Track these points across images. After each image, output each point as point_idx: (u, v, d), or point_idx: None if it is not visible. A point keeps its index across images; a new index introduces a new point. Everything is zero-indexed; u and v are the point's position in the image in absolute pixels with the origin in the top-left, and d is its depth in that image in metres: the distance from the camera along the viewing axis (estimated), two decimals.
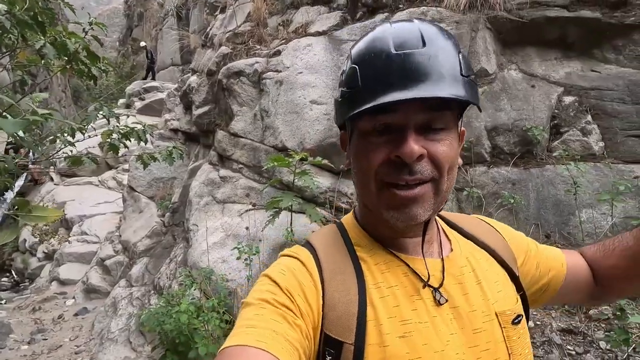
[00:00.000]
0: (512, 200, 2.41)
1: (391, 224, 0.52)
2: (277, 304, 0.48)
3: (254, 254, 2.50)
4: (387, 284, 0.53)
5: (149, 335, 3.19)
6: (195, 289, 2.64)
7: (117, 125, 3.24)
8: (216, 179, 4.09)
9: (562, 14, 3.01)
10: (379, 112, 0.48)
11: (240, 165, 4.03)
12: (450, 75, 0.46)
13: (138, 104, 10.70)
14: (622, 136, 2.66)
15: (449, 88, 0.46)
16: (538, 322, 1.84)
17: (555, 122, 2.85)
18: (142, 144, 3.33)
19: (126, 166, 7.91)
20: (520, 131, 2.78)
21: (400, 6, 3.77)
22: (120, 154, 3.38)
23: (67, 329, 4.32)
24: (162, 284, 3.55)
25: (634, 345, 1.55)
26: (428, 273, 0.54)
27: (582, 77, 2.98)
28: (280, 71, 3.96)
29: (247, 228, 2.95)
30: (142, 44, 12.96)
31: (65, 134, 3.05)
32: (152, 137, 5.36)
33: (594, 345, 1.68)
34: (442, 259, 0.56)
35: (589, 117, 2.78)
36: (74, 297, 5.10)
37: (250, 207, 3.75)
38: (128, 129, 3.23)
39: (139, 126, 3.35)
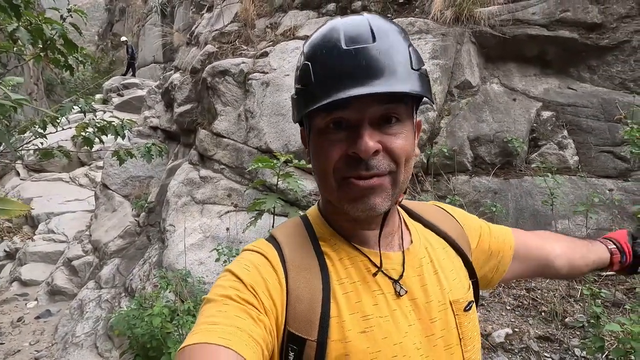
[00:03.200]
0: (494, 209, 2.46)
1: (352, 215, 0.52)
2: (241, 300, 0.48)
3: (234, 256, 2.42)
4: (350, 279, 0.53)
5: (117, 340, 3.03)
6: (170, 292, 2.53)
7: (93, 119, 3.10)
8: (196, 179, 3.98)
9: (542, 32, 3.14)
10: (334, 108, 0.48)
11: (222, 166, 3.95)
12: (402, 69, 0.47)
13: (116, 100, 10.36)
14: (595, 151, 2.78)
15: (402, 83, 0.46)
16: (516, 329, 1.87)
17: (534, 135, 2.95)
18: (119, 140, 3.19)
19: (100, 163, 7.59)
20: (501, 142, 2.86)
21: (389, 15, 3.84)
22: (94, 150, 3.22)
23: (27, 333, 4.05)
24: (134, 286, 3.39)
25: (607, 352, 1.60)
26: (381, 262, 0.55)
27: (559, 93, 3.11)
28: (267, 72, 3.92)
29: (227, 229, 2.88)
30: (123, 38, 12.61)
31: (36, 126, 2.89)
32: (131, 132, 5.16)
33: (570, 352, 1.71)
34: (403, 252, 0.57)
35: (565, 132, 2.89)
36: (36, 299, 4.79)
37: (232, 208, 3.66)
38: (105, 122, 3.09)
39: (117, 121, 3.22)
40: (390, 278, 0.54)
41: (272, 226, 2.72)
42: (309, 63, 0.50)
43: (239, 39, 4.87)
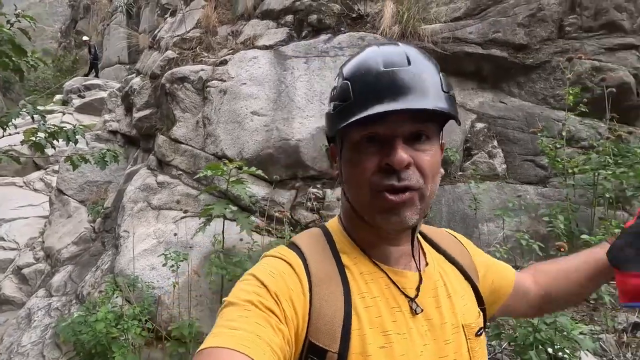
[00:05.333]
0: (431, 214, 2.69)
1: (383, 228, 0.55)
2: (263, 307, 0.49)
3: (182, 261, 2.49)
4: (370, 294, 0.55)
5: (65, 348, 3.00)
6: (117, 297, 2.56)
7: (43, 124, 3.05)
8: (153, 184, 3.98)
9: (477, 50, 3.43)
10: (369, 123, 0.51)
11: (180, 172, 3.98)
12: (433, 90, 0.51)
13: (77, 102, 10.00)
14: (520, 160, 3.08)
15: (433, 101, 0.51)
16: None
17: (468, 145, 3.21)
18: (76, 144, 3.15)
19: (56, 167, 7.33)
20: None
21: (342, 29, 4.03)
22: (50, 154, 3.15)
23: None
24: (85, 293, 3.36)
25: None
26: (418, 289, 0.57)
27: (492, 106, 3.41)
28: (225, 80, 4.00)
29: (175, 234, 2.93)
30: (85, 38, 12.18)
31: None
32: (84, 138, 5.07)
33: None
34: (420, 273, 0.59)
35: (495, 142, 3.18)
36: None
37: (188, 214, 3.70)
38: (56, 128, 3.06)
39: (69, 126, 3.19)
40: (406, 296, 0.56)
41: (223, 231, 2.80)
42: (349, 82, 0.54)
43: (200, 45, 4.91)
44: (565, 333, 1.52)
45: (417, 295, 0.56)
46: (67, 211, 5.08)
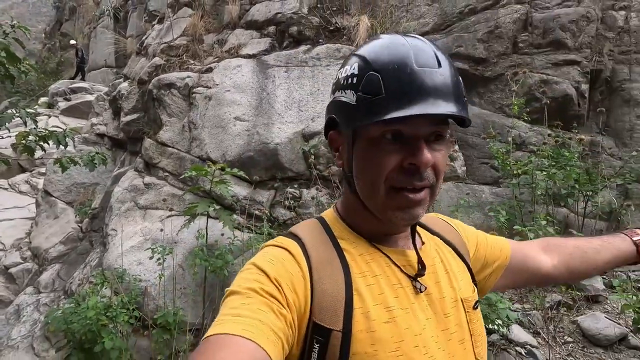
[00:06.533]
0: None
1: (393, 222, 0.57)
2: (264, 293, 0.50)
3: (168, 254, 2.71)
4: (372, 273, 0.57)
5: (54, 340, 3.17)
6: (106, 288, 2.76)
7: (35, 128, 3.22)
8: (140, 185, 4.17)
9: None
10: (396, 121, 0.51)
11: (166, 174, 4.18)
12: (457, 95, 0.52)
13: (62, 105, 10.03)
14: (477, 163, 3.40)
15: (457, 106, 0.51)
16: None
17: None
18: (66, 147, 3.30)
19: (42, 169, 7.39)
20: None
21: (320, 40, 4.32)
22: (37, 157, 3.32)
23: None
24: (73, 289, 3.53)
25: None
26: (419, 266, 0.59)
27: None
28: (210, 87, 4.24)
29: (161, 230, 3.15)
30: (72, 42, 12.19)
31: None
32: (74, 141, 5.21)
33: None
34: (417, 251, 0.61)
35: (457, 147, 3.50)
36: None
37: (174, 213, 3.91)
38: (47, 132, 3.23)
39: (60, 129, 3.35)
40: (408, 276, 0.58)
41: (206, 228, 3.03)
42: (379, 75, 0.52)
43: (186, 53, 5.13)
44: (494, 307, 1.81)
45: (418, 274, 0.58)
46: (54, 212, 5.21)
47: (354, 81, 0.54)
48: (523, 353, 1.94)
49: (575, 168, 2.66)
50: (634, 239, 0.76)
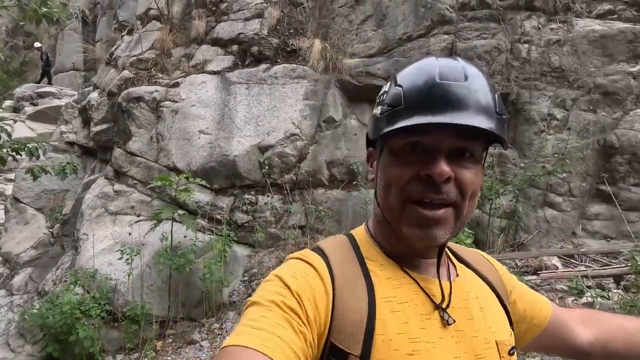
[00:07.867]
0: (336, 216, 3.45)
1: (410, 241, 0.54)
2: (286, 307, 0.49)
3: (136, 255, 3.10)
4: (399, 299, 0.54)
5: (29, 336, 3.46)
6: (78, 286, 3.10)
7: (7, 140, 3.49)
8: (110, 192, 4.49)
9: (382, 83, 4.28)
10: (415, 132, 0.50)
11: (135, 181, 4.51)
12: (485, 110, 0.50)
13: (29, 109, 9.95)
14: None
15: (483, 121, 0.49)
16: None
17: None
18: (38, 159, 3.56)
19: (10, 175, 7.43)
20: (348, 165, 3.94)
21: (279, 60, 4.78)
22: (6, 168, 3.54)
23: None
24: (47, 289, 3.81)
25: None
26: (443, 294, 0.56)
27: None
28: (177, 102, 4.60)
29: (130, 234, 3.51)
30: (37, 44, 11.92)
31: None
32: (46, 153, 5.40)
33: None
34: (450, 282, 0.58)
35: None
36: None
37: (142, 218, 4.25)
38: (20, 144, 3.50)
39: (31, 141, 3.62)
40: (437, 306, 0.55)
41: (171, 232, 3.42)
42: (401, 88, 0.52)
43: (155, 66, 5.43)
44: None
45: (448, 305, 0.55)
46: (23, 218, 5.39)
47: (383, 97, 0.57)
48: None
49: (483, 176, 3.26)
50: None
